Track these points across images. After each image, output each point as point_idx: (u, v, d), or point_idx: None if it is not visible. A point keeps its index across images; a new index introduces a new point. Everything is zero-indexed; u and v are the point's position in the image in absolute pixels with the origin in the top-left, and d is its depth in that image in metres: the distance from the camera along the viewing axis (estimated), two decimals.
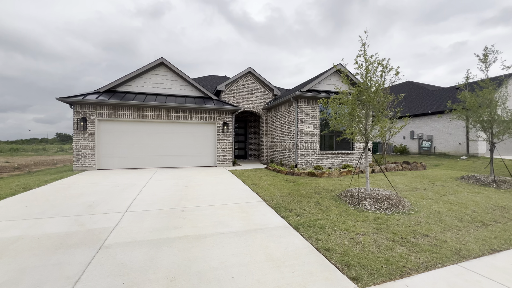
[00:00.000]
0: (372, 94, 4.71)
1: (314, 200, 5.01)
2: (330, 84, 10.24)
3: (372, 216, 4.09)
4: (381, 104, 4.74)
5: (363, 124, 4.99)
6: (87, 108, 9.03)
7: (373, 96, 4.68)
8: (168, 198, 5.11)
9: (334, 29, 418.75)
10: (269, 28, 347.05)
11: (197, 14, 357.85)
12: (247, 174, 8.19)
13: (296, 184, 6.63)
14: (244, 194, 5.51)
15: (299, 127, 9.51)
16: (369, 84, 4.85)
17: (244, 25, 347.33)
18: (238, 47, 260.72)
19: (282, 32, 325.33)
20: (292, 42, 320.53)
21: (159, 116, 9.90)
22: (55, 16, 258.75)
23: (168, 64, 10.56)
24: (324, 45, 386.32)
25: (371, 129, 4.82)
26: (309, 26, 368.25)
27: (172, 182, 6.75)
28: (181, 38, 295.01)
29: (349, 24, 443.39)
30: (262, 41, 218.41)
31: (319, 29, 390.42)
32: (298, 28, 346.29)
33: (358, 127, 4.68)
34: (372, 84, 4.78)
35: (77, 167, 8.89)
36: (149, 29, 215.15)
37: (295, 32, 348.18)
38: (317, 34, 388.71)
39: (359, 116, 4.78)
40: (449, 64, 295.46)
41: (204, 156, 10.70)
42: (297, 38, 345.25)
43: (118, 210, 4.26)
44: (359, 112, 4.84)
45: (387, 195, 4.70)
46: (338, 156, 10.04)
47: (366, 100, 4.65)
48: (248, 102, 12.63)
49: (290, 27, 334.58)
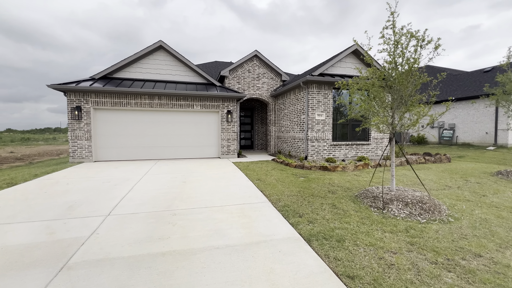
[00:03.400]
0: (404, 75, 3.82)
1: (328, 201, 4.28)
2: (345, 67, 9.21)
3: (402, 224, 3.33)
4: (414, 86, 3.85)
5: (388, 112, 4.13)
6: (82, 96, 8.45)
7: (404, 76, 3.78)
8: (161, 197, 4.51)
9: (339, 15, 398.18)
10: (272, 15, 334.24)
11: (198, 3, 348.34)
12: (252, 168, 7.51)
13: (306, 179, 5.90)
14: (248, 192, 4.84)
15: (309, 115, 8.64)
16: (399, 62, 3.95)
17: (247, 13, 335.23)
18: (242, 35, 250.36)
19: (286, 19, 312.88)
20: (296, 29, 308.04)
21: (159, 105, 9.24)
22: (60, 6, 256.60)
23: (167, 47, 9.76)
24: (328, 31, 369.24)
25: (400, 117, 3.96)
26: (313, 12, 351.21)
27: (169, 177, 6.16)
28: (183, 27, 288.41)
29: (355, 9, 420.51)
30: (266, 29, 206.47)
31: (323, 15, 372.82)
32: (302, 15, 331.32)
33: (385, 116, 3.83)
34: (404, 61, 3.87)
35: (74, 159, 8.45)
36: (152, 18, 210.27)
37: (299, 19, 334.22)
38: (322, 21, 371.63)
39: (386, 102, 3.91)
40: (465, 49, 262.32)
41: (207, 147, 10.06)
42: (301, 24, 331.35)
43: (100, 213, 3.68)
44: (386, 97, 3.97)
45: (418, 197, 3.91)
46: (352, 147, 9.17)
47: (396, 82, 3.76)
48: (254, 88, 11.76)
49: (294, 14, 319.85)
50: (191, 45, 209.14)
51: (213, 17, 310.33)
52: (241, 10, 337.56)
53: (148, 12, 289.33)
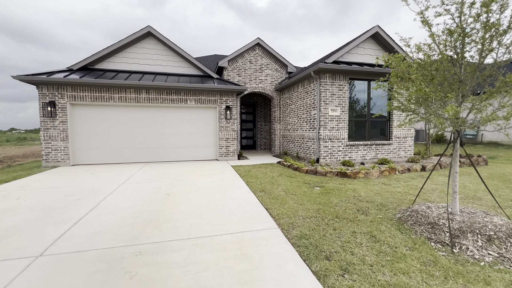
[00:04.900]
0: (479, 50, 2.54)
1: (362, 227, 3.04)
2: (362, 54, 7.90)
3: (496, 278, 2.08)
4: (497, 65, 2.59)
5: (459, 98, 2.86)
6: (56, 90, 7.27)
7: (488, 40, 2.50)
8: (131, 219, 3.30)
9: (339, 13, 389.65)
10: (272, 13, 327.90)
11: (197, 3, 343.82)
12: (255, 173, 6.28)
13: (324, 191, 4.65)
14: (249, 211, 3.61)
15: (322, 110, 7.36)
16: (468, 31, 2.67)
17: (246, 11, 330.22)
18: (242, 33, 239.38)
19: (286, 17, 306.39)
20: (296, 28, 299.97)
21: (147, 99, 8.03)
22: (61, 6, 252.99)
23: (157, 34, 8.53)
24: (329, 29, 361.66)
25: (478, 110, 2.70)
26: (312, 10, 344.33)
27: (151, 187, 4.95)
28: (184, 27, 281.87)
29: (354, 7, 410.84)
30: (266, 27, 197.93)
31: (323, 13, 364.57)
32: (302, 13, 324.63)
33: (452, 106, 2.55)
34: (481, 29, 2.59)
35: (47, 162, 7.28)
36: (152, 17, 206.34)
37: (299, 17, 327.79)
38: (322, 19, 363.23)
39: (456, 83, 2.65)
40: None
41: (203, 148, 8.84)
42: (301, 23, 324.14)
43: (28, 252, 2.48)
44: (458, 75, 2.70)
45: (503, 226, 2.64)
46: (371, 147, 7.88)
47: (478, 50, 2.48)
48: (257, 81, 10.49)
49: (294, 12, 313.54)
50: (192, 45, 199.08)
51: (213, 16, 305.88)
52: (241, 8, 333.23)
53: (148, 11, 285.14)
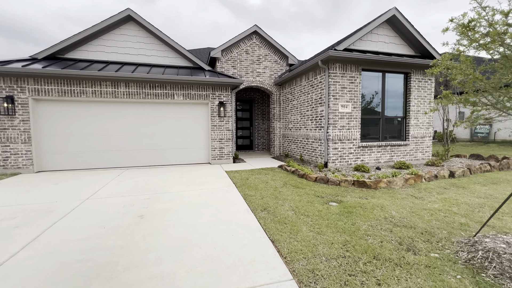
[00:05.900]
0: None
1: (418, 279, 2.02)
2: (377, 41, 6.86)
3: None
4: None
5: None
6: (14, 82, 6.07)
7: None
8: (75, 266, 2.22)
9: (332, 11, 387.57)
10: (266, 11, 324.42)
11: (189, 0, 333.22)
12: (254, 182, 5.23)
13: (344, 209, 3.63)
14: (248, 247, 2.56)
15: (331, 106, 6.33)
16: None
17: (240, 8, 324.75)
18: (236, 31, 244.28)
19: (279, 14, 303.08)
20: (290, 25, 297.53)
21: (126, 94, 6.88)
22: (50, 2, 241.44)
23: (138, 19, 7.35)
24: (322, 27, 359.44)
25: None
26: (306, 8, 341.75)
27: (122, 204, 3.86)
28: (177, 24, 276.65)
29: (348, 5, 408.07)
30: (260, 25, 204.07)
31: (316, 11, 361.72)
32: (295, 10, 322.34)
33: None
34: None
35: (5, 169, 6.10)
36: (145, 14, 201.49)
37: (292, 14, 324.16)
38: (315, 16, 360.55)
39: None
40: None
41: (194, 150, 7.75)
42: (295, 20, 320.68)
43: None
44: None
45: None
46: (386, 149, 6.90)
47: None
48: (254, 74, 9.39)
49: (287, 9, 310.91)
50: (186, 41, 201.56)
51: (206, 13, 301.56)
52: (234, 5, 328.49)
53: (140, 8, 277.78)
